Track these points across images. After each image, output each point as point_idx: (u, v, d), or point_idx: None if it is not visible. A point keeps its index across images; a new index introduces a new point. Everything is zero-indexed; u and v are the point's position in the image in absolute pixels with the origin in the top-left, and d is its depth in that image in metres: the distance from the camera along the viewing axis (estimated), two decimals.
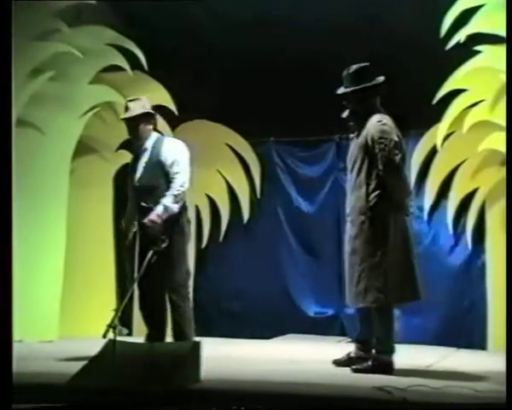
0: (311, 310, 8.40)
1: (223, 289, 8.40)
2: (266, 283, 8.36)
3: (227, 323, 7.92)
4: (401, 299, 5.67)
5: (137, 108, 6.02)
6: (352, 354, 5.82)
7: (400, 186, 5.56)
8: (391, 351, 5.57)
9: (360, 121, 5.68)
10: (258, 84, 7.73)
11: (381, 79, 5.71)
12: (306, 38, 7.51)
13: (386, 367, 5.49)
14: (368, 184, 5.57)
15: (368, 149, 5.58)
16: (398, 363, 5.60)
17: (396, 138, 5.54)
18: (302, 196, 8.55)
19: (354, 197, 5.66)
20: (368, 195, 5.57)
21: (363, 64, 5.72)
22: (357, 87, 5.64)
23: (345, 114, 5.78)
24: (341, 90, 5.74)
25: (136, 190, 6.03)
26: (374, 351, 5.67)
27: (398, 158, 5.48)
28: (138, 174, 6.03)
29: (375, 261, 5.51)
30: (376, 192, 5.54)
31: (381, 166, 5.51)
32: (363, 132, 5.62)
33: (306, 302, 8.43)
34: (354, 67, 5.71)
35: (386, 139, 5.51)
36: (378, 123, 5.58)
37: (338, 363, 5.83)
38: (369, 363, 5.56)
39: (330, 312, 8.30)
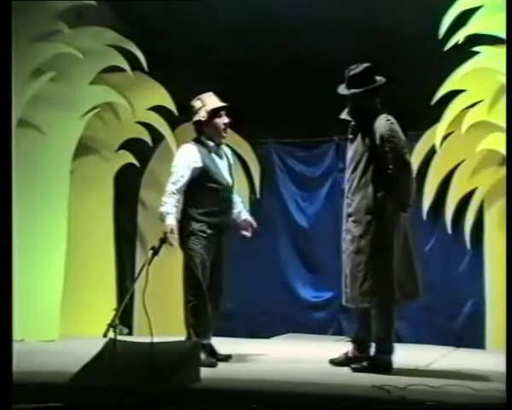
0: (311, 309, 8.42)
1: None
2: (266, 282, 8.38)
3: (226, 322, 7.94)
4: (404, 297, 5.61)
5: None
6: (350, 354, 5.83)
7: (409, 185, 5.56)
8: (390, 351, 5.58)
9: (364, 121, 5.66)
10: (258, 84, 7.74)
11: (384, 79, 5.71)
12: (306, 39, 7.53)
13: (385, 367, 5.51)
14: (375, 184, 5.56)
15: (376, 149, 5.56)
16: (398, 362, 5.62)
17: (404, 137, 5.59)
18: (302, 196, 8.58)
19: (359, 197, 5.61)
20: (375, 194, 5.56)
21: (366, 65, 5.67)
22: (363, 89, 5.60)
23: (343, 115, 5.77)
24: (345, 92, 5.69)
25: (226, 191, 6.02)
26: (373, 350, 5.68)
27: (408, 156, 5.57)
28: (226, 175, 6.01)
29: (382, 261, 5.50)
30: (384, 192, 5.54)
31: (391, 165, 5.49)
32: (371, 132, 5.59)
33: (306, 302, 8.46)
34: (359, 68, 5.65)
35: (396, 138, 5.53)
36: (387, 122, 5.57)
37: (335, 363, 5.84)
38: (369, 362, 5.58)
39: (329, 311, 8.32)
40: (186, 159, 5.90)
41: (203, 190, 5.89)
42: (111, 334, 4.77)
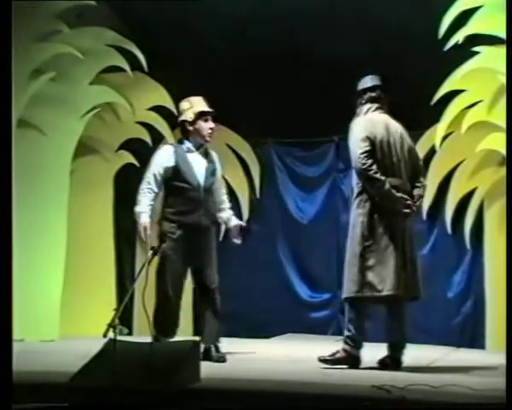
0: (310, 309, 8.42)
1: (222, 288, 8.40)
2: (266, 282, 8.39)
3: (227, 322, 7.94)
4: (372, 292, 5.55)
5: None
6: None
7: (364, 182, 5.57)
8: (359, 346, 5.61)
9: None
10: (258, 84, 7.76)
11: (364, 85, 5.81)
12: (306, 39, 7.54)
13: (352, 361, 5.56)
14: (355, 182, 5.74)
15: None
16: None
17: (363, 134, 5.59)
18: (301, 196, 8.58)
19: (356, 189, 5.75)
20: (352, 191, 5.74)
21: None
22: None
23: None
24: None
25: (204, 191, 6.03)
26: (343, 344, 5.68)
27: (358, 152, 5.55)
28: (203, 175, 6.03)
29: (350, 253, 5.58)
30: (357, 188, 5.65)
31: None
32: None
33: (305, 302, 8.46)
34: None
35: (352, 137, 5.66)
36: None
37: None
38: (338, 355, 5.61)
39: (329, 311, 8.32)
40: (159, 158, 6.05)
41: (174, 190, 6.00)
42: (111, 334, 4.77)
